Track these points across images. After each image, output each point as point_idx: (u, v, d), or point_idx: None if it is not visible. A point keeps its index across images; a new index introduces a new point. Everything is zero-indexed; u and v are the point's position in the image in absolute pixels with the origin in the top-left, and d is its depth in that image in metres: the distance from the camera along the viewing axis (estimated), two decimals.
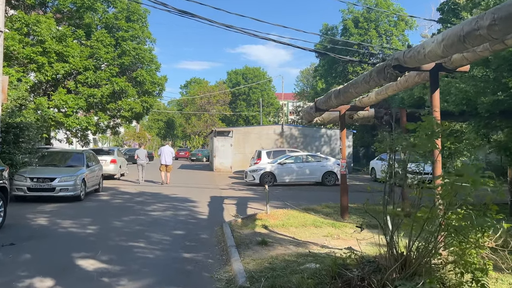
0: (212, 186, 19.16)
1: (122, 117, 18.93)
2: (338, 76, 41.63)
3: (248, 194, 16.04)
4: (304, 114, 10.90)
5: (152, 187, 17.50)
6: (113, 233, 8.18)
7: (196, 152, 50.00)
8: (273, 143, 28.45)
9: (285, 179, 19.41)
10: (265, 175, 19.16)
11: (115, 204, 12.51)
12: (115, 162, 20.43)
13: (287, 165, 19.49)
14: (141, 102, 19.41)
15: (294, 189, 18.20)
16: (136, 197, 14.10)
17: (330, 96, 8.60)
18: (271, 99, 71.85)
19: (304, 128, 30.43)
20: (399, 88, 7.63)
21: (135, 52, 18.26)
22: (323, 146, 28.81)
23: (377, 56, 40.68)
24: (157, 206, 12.06)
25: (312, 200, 14.44)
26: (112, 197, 13.97)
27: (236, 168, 28.03)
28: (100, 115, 18.41)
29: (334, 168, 19.65)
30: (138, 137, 53.85)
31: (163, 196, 14.53)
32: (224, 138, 28.38)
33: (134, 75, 18.69)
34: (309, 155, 20.59)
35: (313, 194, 16.55)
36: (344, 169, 9.80)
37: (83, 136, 20.63)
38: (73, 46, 16.96)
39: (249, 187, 18.75)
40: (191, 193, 15.75)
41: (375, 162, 23.05)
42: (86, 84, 17.56)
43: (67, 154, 14.32)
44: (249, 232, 8.30)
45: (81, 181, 12.63)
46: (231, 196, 14.90)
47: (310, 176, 19.55)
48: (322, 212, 10.64)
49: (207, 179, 22.84)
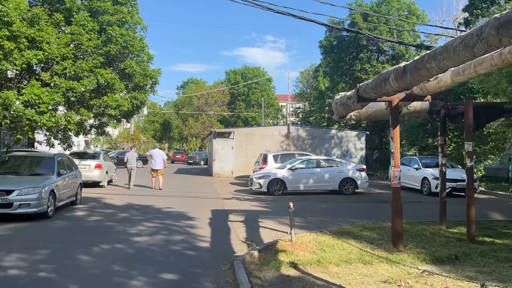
0: (212, 195, 16.51)
1: (109, 115, 16.23)
2: (345, 74, 39.07)
3: (256, 206, 13.40)
4: (337, 107, 8.28)
5: (142, 198, 14.83)
6: (71, 280, 5.52)
7: (193, 155, 47.28)
8: (279, 145, 25.82)
9: (297, 187, 16.77)
10: (273, 182, 16.53)
11: (91, 223, 9.82)
12: (100, 167, 17.75)
13: (298, 171, 16.87)
14: (131, 98, 16.72)
15: (308, 198, 15.58)
16: (120, 212, 11.41)
17: (387, 77, 5.97)
18: (271, 100, 69.27)
19: (312, 129, 27.85)
20: (505, 61, 5.01)
21: (122, 39, 15.57)
22: (333, 148, 26.20)
23: (387, 52, 38.25)
24: (145, 226, 9.39)
25: (336, 214, 11.82)
26: (90, 213, 11.28)
27: (238, 173, 25.38)
28: (83, 113, 15.70)
29: (354, 174, 17.05)
30: (132, 139, 51.06)
31: (154, 211, 11.86)
32: (224, 140, 25.73)
33: (122, 67, 15.99)
34: (324, 159, 17.96)
35: (333, 206, 13.92)
36: (397, 180, 7.16)
37: (65, 137, 17.92)
38: (48, 30, 14.27)
39: (255, 196, 16.12)
40: (188, 205, 13.10)
41: None
42: (64, 76, 14.88)
43: (34, 159, 11.63)
44: (273, 275, 5.66)
45: (48, 193, 9.94)
46: (236, 210, 12.26)
47: (325, 184, 16.93)
48: (363, 237, 8.00)
49: (206, 186, 20.18)
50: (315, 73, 65.48)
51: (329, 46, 39.76)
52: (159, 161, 17.70)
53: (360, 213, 12.43)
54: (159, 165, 17.71)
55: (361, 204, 14.52)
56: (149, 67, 17.52)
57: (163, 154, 18.20)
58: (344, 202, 14.91)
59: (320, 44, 40.02)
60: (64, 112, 16.25)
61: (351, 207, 13.92)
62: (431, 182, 16.81)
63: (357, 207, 13.92)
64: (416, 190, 18.01)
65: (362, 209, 13.34)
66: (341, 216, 11.46)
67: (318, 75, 64.77)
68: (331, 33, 39.99)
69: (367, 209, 13.46)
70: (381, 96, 6.75)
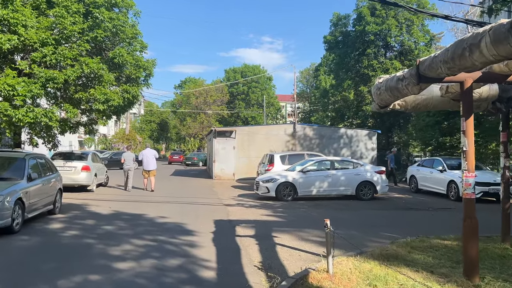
0: (214, 200, 14.60)
1: (96, 111, 14.30)
2: (350, 71, 37.22)
3: (266, 214, 11.48)
4: (380, 93, 6.38)
5: (133, 204, 12.92)
6: None
7: (191, 156, 45.26)
8: (284, 145, 23.93)
9: (309, 192, 14.88)
10: (282, 186, 14.63)
11: (66, 240, 7.89)
12: (88, 169, 15.80)
13: (310, 174, 14.98)
14: (122, 91, 14.80)
15: (322, 205, 13.69)
16: (105, 224, 9.49)
17: (477, 43, 4.09)
18: (272, 99, 67.30)
19: (320, 128, 25.94)
20: None
21: (111, 23, 13.63)
22: (343, 148, 24.32)
23: (393, 48, 36.39)
24: (132, 245, 7.46)
25: (363, 226, 9.93)
26: (68, 225, 9.35)
27: (240, 175, 23.48)
28: (68, 109, 13.77)
29: (372, 177, 15.17)
30: (128, 139, 49.01)
31: (146, 222, 9.93)
32: (225, 139, 23.81)
33: (111, 55, 14.07)
34: (338, 160, 16.05)
35: (355, 215, 12.03)
36: (471, 189, 5.27)
37: (48, 136, 16.00)
38: (25, 12, 12.36)
39: (262, 202, 14.23)
40: (186, 214, 11.19)
41: (415, 168, 18.57)
42: (44, 65, 12.97)
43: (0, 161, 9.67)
44: None
45: (13, 203, 8.01)
46: (243, 220, 10.35)
47: (341, 188, 15.03)
48: (417, 262, 6.09)
49: (206, 190, 18.26)
50: (316, 72, 63.67)
51: (334, 42, 37.88)
52: (152, 161, 16.84)
53: (389, 224, 10.55)
54: (152, 165, 16.83)
55: (385, 213, 12.64)
56: (142, 58, 15.62)
57: (155, 153, 17.28)
58: (365, 210, 13.02)
59: (324, 39, 38.15)
60: (46, 107, 14.34)
61: (376, 216, 12.03)
62: (459, 185, 14.93)
63: (383, 216, 12.03)
64: (440, 194, 16.15)
65: (389, 219, 11.46)
66: (370, 228, 9.59)
67: (319, 74, 62.98)
68: (336, 28, 38.15)
69: (395, 218, 11.57)
70: (457, 73, 4.86)
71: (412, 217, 11.79)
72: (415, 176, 18.20)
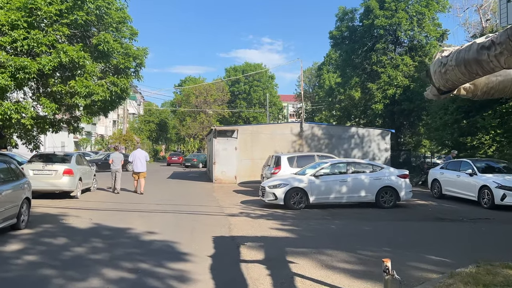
0: (214, 208, 12.72)
1: (77, 106, 12.44)
2: (358, 68, 35.32)
3: (276, 228, 9.55)
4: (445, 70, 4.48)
5: (119, 215, 11.05)
6: None
7: (191, 157, 43.29)
8: (290, 145, 22.04)
9: (322, 199, 12.99)
10: (292, 192, 12.74)
11: (16, 270, 5.98)
12: (70, 173, 13.90)
13: (324, 178, 13.08)
14: (109, 84, 12.92)
15: (339, 215, 11.81)
16: (77, 243, 7.59)
17: None
18: (274, 98, 65.36)
19: (329, 127, 24.02)
20: None
21: (94, 4, 11.78)
22: (354, 149, 22.42)
23: (403, 43, 34.47)
24: (102, 279, 5.56)
25: (395, 243, 8.02)
26: (29, 245, 7.45)
27: (242, 178, 21.60)
28: (44, 103, 11.91)
29: (395, 181, 13.28)
30: (125, 140, 47.11)
31: (128, 241, 8.03)
32: (226, 139, 21.91)
33: (95, 42, 12.18)
34: (355, 162, 14.16)
35: (381, 228, 10.14)
36: None
37: (27, 135, 14.17)
38: None
39: (269, 210, 12.36)
40: (181, 227, 9.31)
41: (438, 171, 16.64)
42: (13, 51, 11.10)
43: None
44: None
45: None
46: (250, 237, 8.45)
47: (359, 194, 13.13)
48: None
49: (205, 196, 16.37)
50: (319, 71, 61.79)
51: (340, 38, 35.96)
52: (142, 163, 16.18)
53: (425, 240, 8.67)
54: (142, 167, 16.14)
55: (415, 225, 10.74)
56: (132, 46, 13.73)
57: (146, 155, 16.78)
58: (390, 221, 11.12)
59: (330, 35, 36.21)
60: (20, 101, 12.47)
61: (405, 229, 10.13)
62: (494, 192, 13.03)
63: (413, 229, 10.13)
64: (469, 201, 14.25)
65: (423, 233, 9.58)
66: (406, 247, 7.71)
67: (322, 73, 61.10)
68: (342, 23, 36.24)
69: (428, 232, 9.68)
70: None
71: (449, 231, 9.88)
72: (438, 179, 16.27)
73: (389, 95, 31.55)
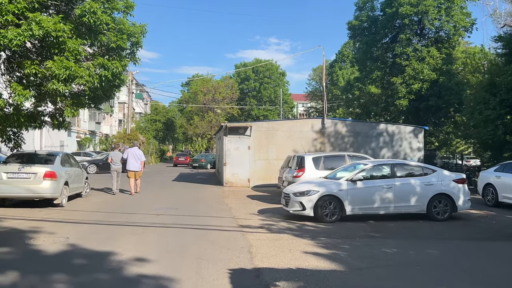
0: (227, 221, 10.20)
1: (56, 94, 10.01)
2: (379, 60, 32.64)
3: (313, 253, 6.97)
4: None
5: (106, 230, 8.59)
6: None
7: (198, 158, 40.83)
8: (310, 144, 19.47)
9: (364, 209, 10.40)
10: (324, 201, 10.17)
11: None
12: (53, 176, 11.46)
13: (364, 183, 10.48)
14: (97, 67, 10.49)
15: (385, 231, 9.25)
16: (28, 285, 5.12)
17: None
18: (285, 96, 62.71)
19: (354, 123, 21.38)
20: None
21: None
22: (383, 148, 19.79)
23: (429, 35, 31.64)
24: None
25: (485, 281, 5.44)
26: None
27: (257, 182, 19.08)
28: (15, 89, 9.51)
29: (450, 188, 10.66)
30: (129, 139, 44.77)
31: (106, 278, 5.53)
32: (238, 137, 19.40)
33: (78, 13, 9.74)
34: (401, 164, 11.49)
35: (453, 251, 7.52)
36: None
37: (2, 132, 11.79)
38: None
39: (296, 223, 9.81)
40: (183, 252, 6.78)
41: (493, 175, 13.96)
42: None
43: None
44: None
45: None
46: (281, 270, 5.91)
47: (408, 204, 10.53)
48: None
49: (215, 203, 13.85)
50: (331, 68, 59.07)
51: (360, 28, 33.29)
52: (137, 162, 15.48)
53: None
54: (138, 165, 15.47)
55: (490, 246, 8.14)
56: (127, 21, 11.26)
57: (141, 154, 15.87)
58: (457, 240, 8.51)
59: (349, 25, 33.57)
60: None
61: (482, 253, 7.50)
62: None
63: (492, 253, 7.52)
64: None
65: (508, 260, 6.98)
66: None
67: (333, 71, 58.36)
68: (361, 12, 33.57)
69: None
70: None
71: None
72: (493, 184, 13.61)
73: (415, 90, 28.87)
